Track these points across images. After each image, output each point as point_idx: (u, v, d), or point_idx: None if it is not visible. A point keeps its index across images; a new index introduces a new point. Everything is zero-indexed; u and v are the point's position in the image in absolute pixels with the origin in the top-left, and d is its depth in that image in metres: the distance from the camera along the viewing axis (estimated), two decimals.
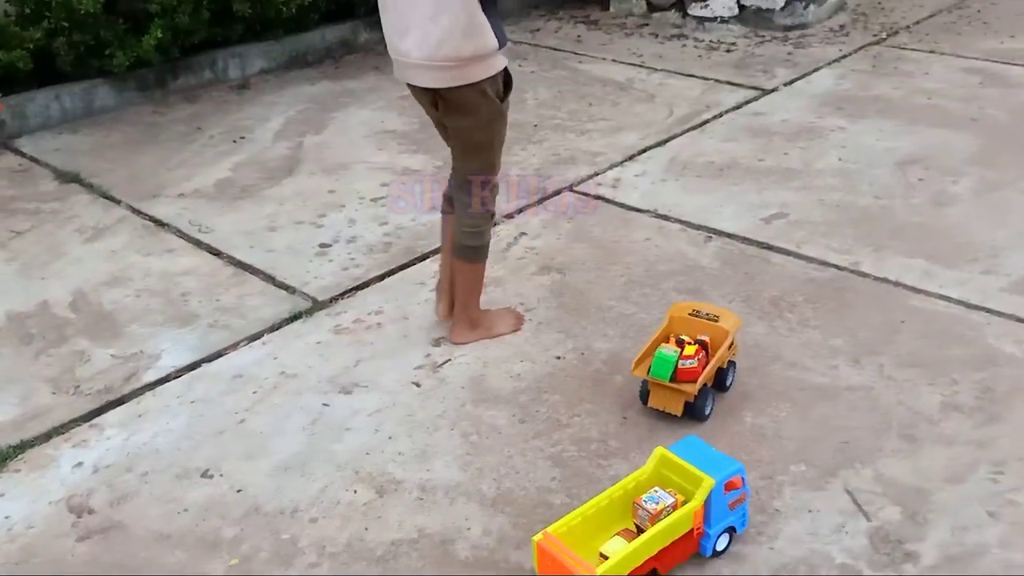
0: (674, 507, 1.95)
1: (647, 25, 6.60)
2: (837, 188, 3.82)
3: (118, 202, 3.91)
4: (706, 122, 4.66)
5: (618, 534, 1.95)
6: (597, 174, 4.09)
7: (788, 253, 3.31)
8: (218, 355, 2.80)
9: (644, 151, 4.31)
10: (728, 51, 5.90)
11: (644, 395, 2.47)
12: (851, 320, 2.88)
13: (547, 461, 2.31)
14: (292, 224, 3.67)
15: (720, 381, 2.54)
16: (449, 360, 2.74)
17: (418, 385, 2.63)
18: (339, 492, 2.23)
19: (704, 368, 2.39)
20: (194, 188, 4.04)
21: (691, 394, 2.37)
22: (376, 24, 3.00)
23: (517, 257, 3.35)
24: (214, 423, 2.49)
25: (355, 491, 2.23)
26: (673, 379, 2.37)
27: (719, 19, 6.35)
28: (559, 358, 2.73)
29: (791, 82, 5.21)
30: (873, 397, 2.53)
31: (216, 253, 3.46)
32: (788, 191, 3.81)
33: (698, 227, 3.54)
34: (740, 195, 3.80)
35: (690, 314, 2.54)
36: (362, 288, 3.18)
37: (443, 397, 2.58)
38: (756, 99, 4.97)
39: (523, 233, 3.55)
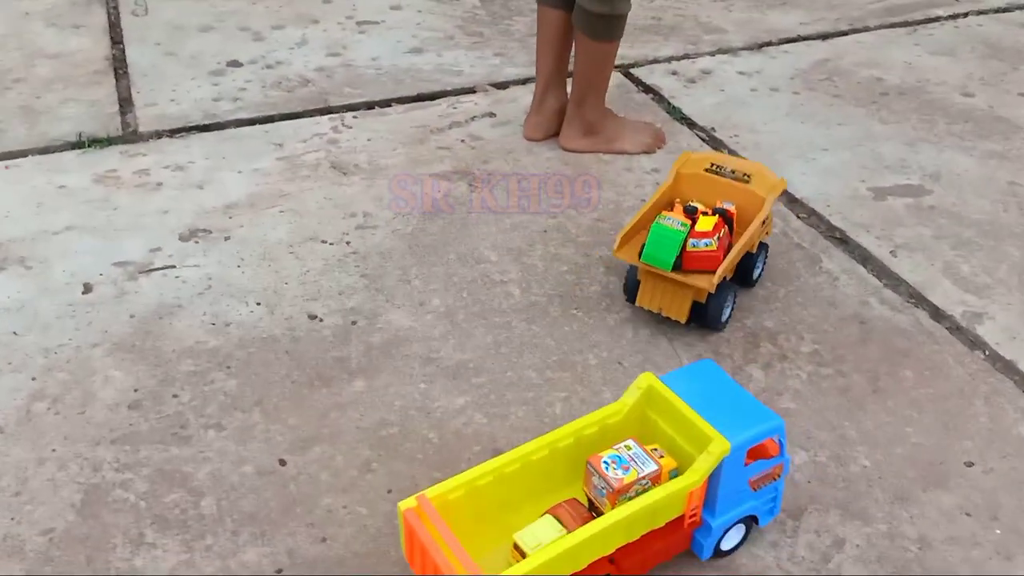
0: (656, 479, 1.17)
1: None
2: None
3: None
4: (934, 20, 2.96)
5: (553, 512, 1.16)
6: (687, 57, 2.69)
7: (863, 259, 1.84)
8: None
9: (788, 41, 2.79)
10: None
11: (632, 288, 1.66)
12: (858, 424, 1.46)
13: (78, 492, 1.30)
14: (235, 29, 2.75)
15: (744, 271, 1.71)
16: (172, 268, 1.74)
17: (87, 291, 1.68)
18: None
19: (726, 252, 1.59)
20: None
21: (705, 291, 1.58)
22: None
23: (439, 146, 2.18)
24: None
25: None
26: (677, 267, 1.57)
27: None
28: (314, 318, 1.64)
29: None
30: None
31: (117, 42, 2.65)
32: (968, 155, 2.20)
33: None
34: (875, 140, 2.25)
35: (707, 169, 1.73)
36: (204, 131, 2.22)
37: (87, 322, 1.59)
38: None
39: (491, 114, 2.34)
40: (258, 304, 1.65)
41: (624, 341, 1.60)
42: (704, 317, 1.61)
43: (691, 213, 1.61)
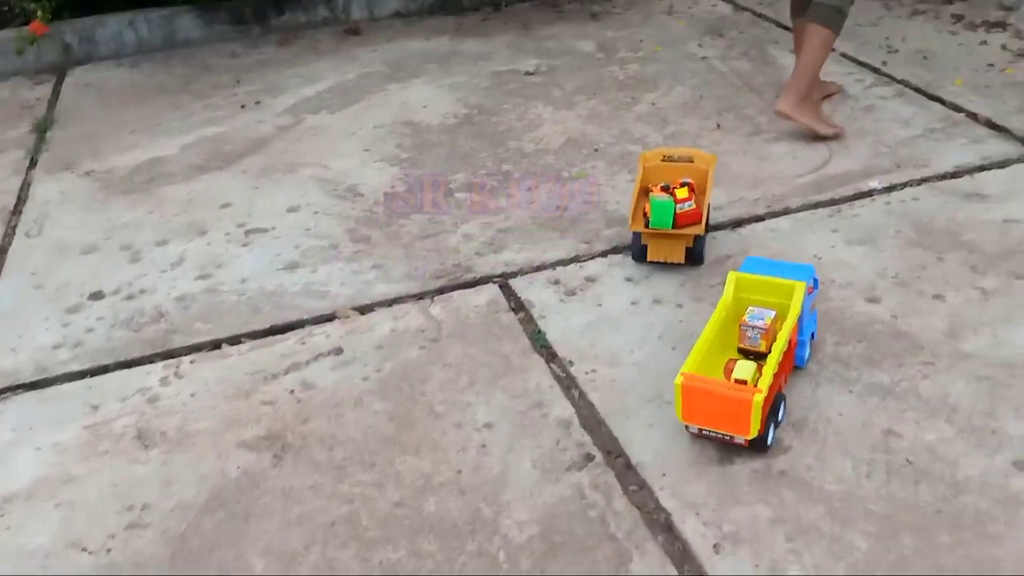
0: (776, 318, 1.88)
1: (964, 0, 4.34)
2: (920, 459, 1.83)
3: (33, 167, 3.26)
4: (865, 195, 2.71)
5: (734, 362, 1.81)
6: (576, 260, 2.50)
7: (681, 558, 1.57)
8: None
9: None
10: None
11: (640, 252, 2.40)
12: None
13: None
14: (117, 248, 2.70)
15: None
16: None
17: None
18: None
19: (702, 208, 2.34)
20: (110, 167, 3.23)
21: (693, 237, 2.34)
22: None
23: (264, 400, 2.04)
24: None
25: None
26: (674, 226, 2.32)
27: None
28: None
29: None
30: None
31: None
32: (847, 391, 1.90)
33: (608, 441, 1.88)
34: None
35: (663, 160, 2.47)
36: (31, 388, 2.13)
37: None
38: (1007, 164, 2.82)
39: (338, 351, 2.19)
40: None
41: None
42: (694, 257, 2.36)
43: (667, 189, 2.33)
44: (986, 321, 2.12)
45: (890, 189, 2.73)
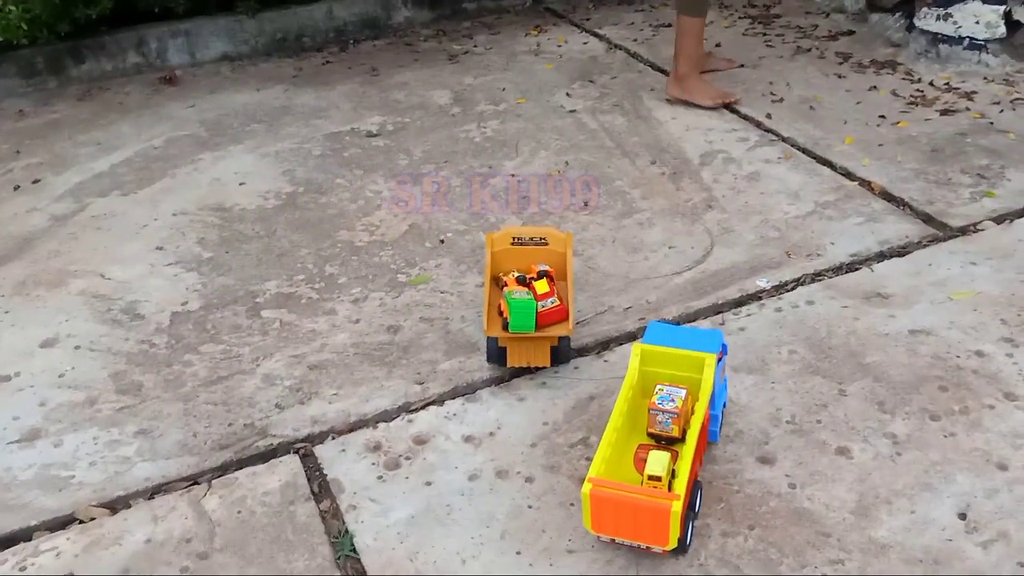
0: (687, 398, 1.69)
1: (849, 35, 4.02)
2: None
3: None
4: (753, 299, 2.27)
5: (647, 451, 1.64)
6: (405, 410, 1.97)
7: None
8: None
9: (554, 364, 2.08)
10: (947, 112, 3.24)
11: (496, 355, 2.02)
12: None
13: None
14: None
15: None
16: None
17: None
18: None
19: (566, 302, 2.01)
20: None
21: (557, 337, 1.99)
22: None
23: None
24: None
25: None
26: (537, 327, 1.95)
27: (967, 42, 3.61)
28: None
29: (1014, 218, 2.58)
30: None
31: None
32: None
33: None
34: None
35: (512, 243, 2.13)
36: None
37: None
38: (908, 251, 2.44)
39: None
40: None
41: None
42: (560, 357, 2.02)
43: (524, 282, 2.00)
44: (900, 489, 1.70)
45: (780, 288, 2.31)
